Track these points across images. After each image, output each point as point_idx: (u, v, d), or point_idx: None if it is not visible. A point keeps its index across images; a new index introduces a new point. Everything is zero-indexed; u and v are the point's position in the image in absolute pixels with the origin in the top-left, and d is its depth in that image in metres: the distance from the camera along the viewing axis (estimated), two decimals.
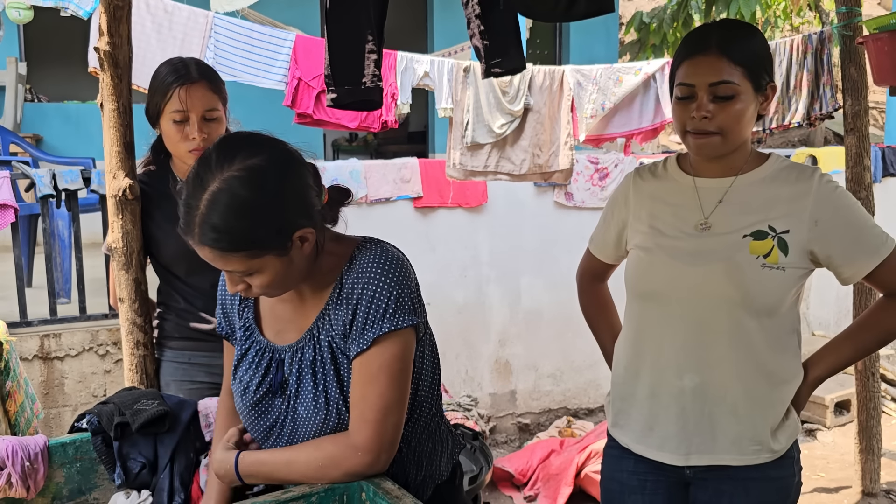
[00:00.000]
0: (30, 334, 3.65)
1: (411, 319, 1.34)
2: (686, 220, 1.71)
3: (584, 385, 5.41)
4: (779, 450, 1.69)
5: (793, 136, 10.92)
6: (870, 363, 3.85)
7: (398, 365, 1.34)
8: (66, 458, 1.64)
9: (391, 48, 4.08)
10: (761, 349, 1.65)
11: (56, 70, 8.77)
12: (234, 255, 1.28)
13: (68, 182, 3.71)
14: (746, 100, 1.62)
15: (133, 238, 2.14)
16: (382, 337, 1.32)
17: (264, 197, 1.27)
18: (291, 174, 1.32)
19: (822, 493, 4.14)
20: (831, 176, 1.69)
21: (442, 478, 1.50)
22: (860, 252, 1.62)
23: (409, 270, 1.38)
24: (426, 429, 1.49)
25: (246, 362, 1.49)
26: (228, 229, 1.25)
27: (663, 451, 1.74)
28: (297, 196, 1.32)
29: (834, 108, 4.39)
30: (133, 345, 2.18)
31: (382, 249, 1.38)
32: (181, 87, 2.03)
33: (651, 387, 1.74)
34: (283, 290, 1.39)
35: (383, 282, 1.33)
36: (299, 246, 1.32)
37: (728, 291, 1.63)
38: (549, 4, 2.56)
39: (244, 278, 1.33)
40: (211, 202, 1.25)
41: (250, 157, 1.28)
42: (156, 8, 3.79)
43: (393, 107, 4.25)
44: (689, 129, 1.65)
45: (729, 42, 1.61)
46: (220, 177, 1.26)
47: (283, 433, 1.43)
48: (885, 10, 12.49)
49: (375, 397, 1.32)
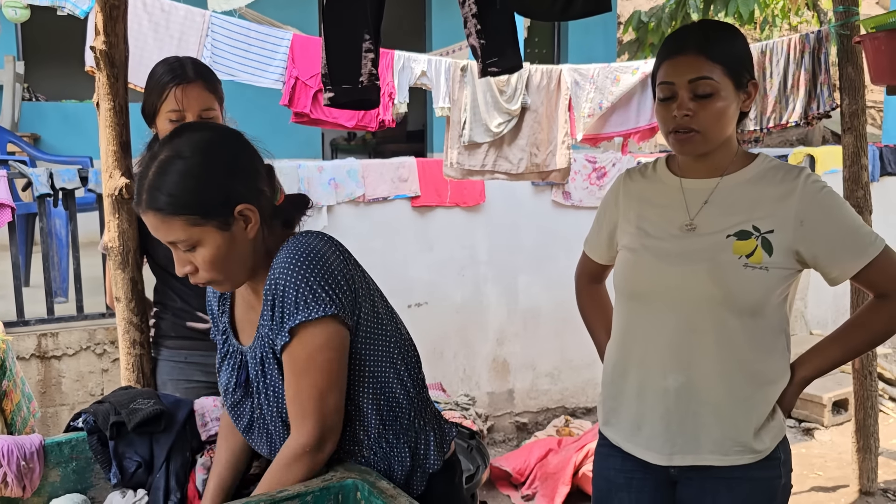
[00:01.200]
0: (27, 333, 3.65)
1: (327, 310, 1.32)
2: (672, 220, 1.72)
3: (582, 384, 5.41)
4: (762, 450, 1.68)
5: (790, 136, 10.93)
6: (867, 362, 3.85)
7: (326, 355, 1.34)
8: (62, 458, 1.64)
9: (389, 47, 4.09)
10: (745, 349, 1.65)
11: (54, 69, 8.76)
12: (175, 219, 1.31)
13: (65, 181, 3.71)
14: (727, 97, 1.62)
15: (129, 237, 2.14)
16: (299, 328, 1.33)
17: (209, 163, 1.33)
18: (240, 152, 1.38)
19: (820, 492, 4.14)
20: (818, 176, 1.70)
21: (433, 467, 1.50)
22: (847, 252, 1.62)
23: (324, 261, 1.35)
24: (408, 417, 1.49)
25: (225, 365, 1.54)
26: (171, 191, 1.30)
27: (649, 450, 1.74)
28: (244, 172, 1.37)
29: (831, 108, 4.39)
30: (129, 344, 2.18)
31: (298, 243, 1.37)
32: (177, 86, 2.03)
33: (638, 386, 1.75)
34: (227, 277, 1.39)
35: (293, 274, 1.33)
36: (242, 226, 1.35)
37: (711, 291, 1.63)
38: (546, 4, 2.57)
39: (189, 255, 1.35)
40: (158, 168, 1.32)
41: (201, 131, 1.41)
42: (153, 7, 3.78)
43: (390, 106, 4.25)
44: (672, 129, 1.66)
45: (707, 41, 1.63)
46: (169, 147, 1.34)
47: (259, 432, 1.48)
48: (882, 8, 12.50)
49: (309, 388, 1.34)
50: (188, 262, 1.37)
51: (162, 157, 1.33)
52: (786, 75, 4.46)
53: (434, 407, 1.59)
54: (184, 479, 1.66)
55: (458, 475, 1.59)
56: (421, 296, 4.87)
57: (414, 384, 1.52)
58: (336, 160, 5.53)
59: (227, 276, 1.40)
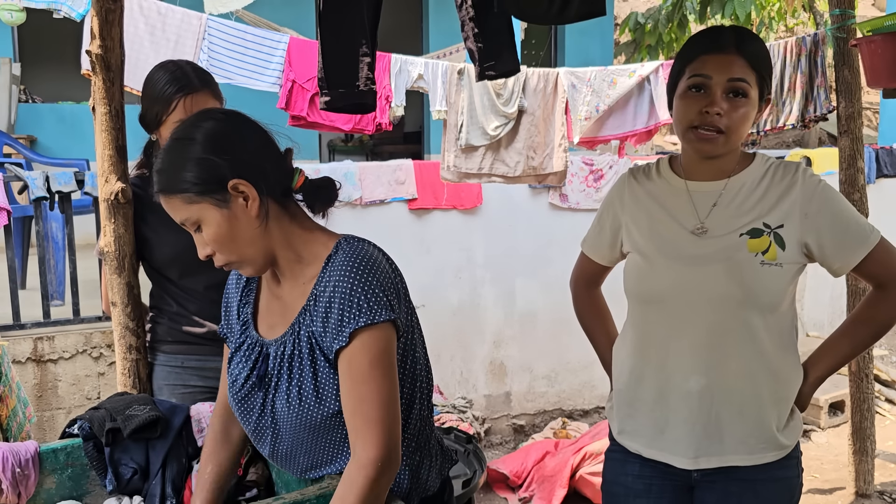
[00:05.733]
0: (23, 337, 3.64)
1: (388, 314, 1.32)
2: (682, 224, 1.71)
3: (579, 386, 5.42)
4: (788, 445, 1.70)
5: (787, 138, 10.95)
6: (863, 364, 3.86)
7: (387, 360, 1.33)
8: (57, 465, 1.63)
9: (387, 49, 4.09)
10: (766, 346, 1.66)
11: (50, 71, 8.74)
12: (174, 198, 1.34)
13: (61, 184, 3.70)
14: (753, 105, 1.64)
15: (125, 242, 2.13)
16: (361, 331, 1.31)
17: (200, 141, 1.34)
18: (235, 130, 1.39)
19: (817, 494, 4.14)
20: (813, 171, 1.72)
21: (429, 492, 1.49)
22: (848, 243, 1.64)
23: (382, 268, 1.36)
24: (416, 440, 1.47)
25: (238, 356, 1.50)
26: (166, 168, 1.35)
27: (674, 454, 1.73)
28: (240, 150, 1.36)
29: (828, 110, 4.40)
30: (125, 349, 2.17)
31: (356, 248, 1.37)
32: (186, 97, 2.00)
33: (658, 390, 1.74)
34: (241, 258, 1.39)
35: (356, 277, 1.32)
36: (242, 204, 1.34)
37: (730, 290, 1.63)
38: (543, 7, 2.56)
39: (201, 236, 1.37)
40: (161, 154, 1.38)
41: (200, 114, 1.42)
42: (149, 10, 3.78)
43: (387, 109, 4.25)
44: (698, 125, 1.64)
45: (747, 46, 1.63)
46: (175, 133, 1.39)
47: (268, 430, 1.44)
48: (879, 11, 12.52)
49: (375, 395, 1.30)
50: (204, 244, 1.38)
51: (168, 142, 1.39)
52: (782, 78, 4.47)
53: (437, 434, 1.58)
54: (180, 486, 1.65)
55: (447, 493, 1.58)
56: (418, 298, 4.83)
57: (427, 407, 1.51)
58: (333, 163, 5.52)
59: (242, 257, 1.39)
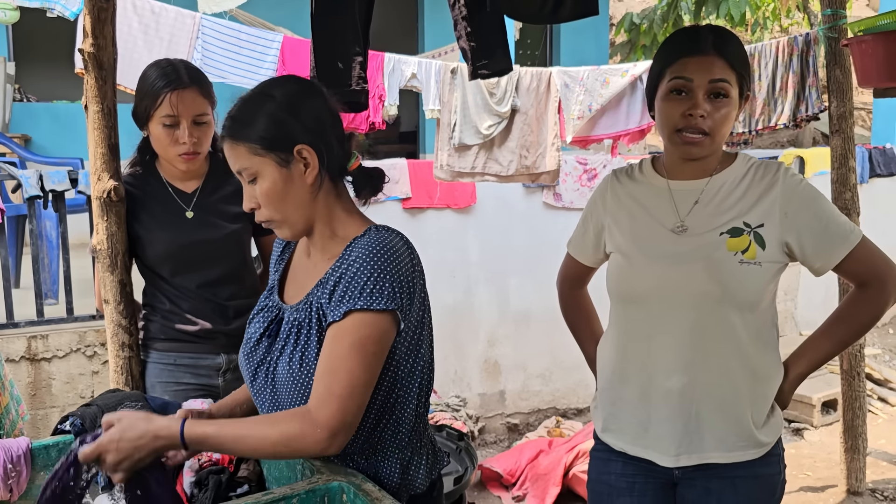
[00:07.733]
0: (17, 335, 3.64)
1: (388, 304, 1.33)
2: (662, 222, 1.73)
3: (573, 385, 5.43)
4: (767, 443, 1.71)
5: (781, 137, 10.98)
6: (855, 363, 3.88)
7: (372, 347, 1.33)
8: (50, 461, 1.63)
9: (381, 49, 4.09)
10: (746, 345, 1.67)
11: (45, 70, 8.72)
12: (239, 145, 1.40)
13: (55, 183, 3.69)
14: (734, 104, 1.65)
15: (118, 240, 2.14)
16: (356, 312, 1.33)
17: (282, 100, 1.41)
18: (315, 102, 1.44)
19: (809, 491, 4.17)
20: (796, 171, 1.74)
21: (418, 490, 1.50)
22: (829, 242, 1.65)
23: (400, 260, 1.37)
24: (409, 437, 1.48)
25: (258, 317, 1.55)
26: (240, 116, 1.41)
27: (657, 451, 1.75)
28: (312, 119, 1.42)
29: (820, 110, 4.42)
30: (118, 346, 2.18)
31: (382, 235, 1.39)
32: (172, 92, 2.03)
33: (641, 388, 1.75)
34: (284, 218, 1.43)
35: (369, 262, 1.34)
36: (301, 168, 1.39)
37: (709, 288, 1.65)
38: (536, 6, 2.58)
39: (252, 189, 1.42)
40: (240, 102, 1.44)
41: (294, 78, 1.49)
42: (143, 9, 3.78)
43: (380, 108, 4.26)
44: (682, 127, 1.65)
45: (725, 46, 1.64)
46: (257, 87, 1.47)
47: (267, 388, 1.46)
48: (872, 10, 12.56)
49: (345, 373, 1.31)
50: (252, 196, 1.43)
51: (246, 95, 1.45)
52: (774, 78, 4.49)
53: (431, 433, 1.58)
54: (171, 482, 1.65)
55: (437, 491, 1.58)
56: None
57: (424, 405, 1.52)
58: None
59: (285, 218, 1.43)
